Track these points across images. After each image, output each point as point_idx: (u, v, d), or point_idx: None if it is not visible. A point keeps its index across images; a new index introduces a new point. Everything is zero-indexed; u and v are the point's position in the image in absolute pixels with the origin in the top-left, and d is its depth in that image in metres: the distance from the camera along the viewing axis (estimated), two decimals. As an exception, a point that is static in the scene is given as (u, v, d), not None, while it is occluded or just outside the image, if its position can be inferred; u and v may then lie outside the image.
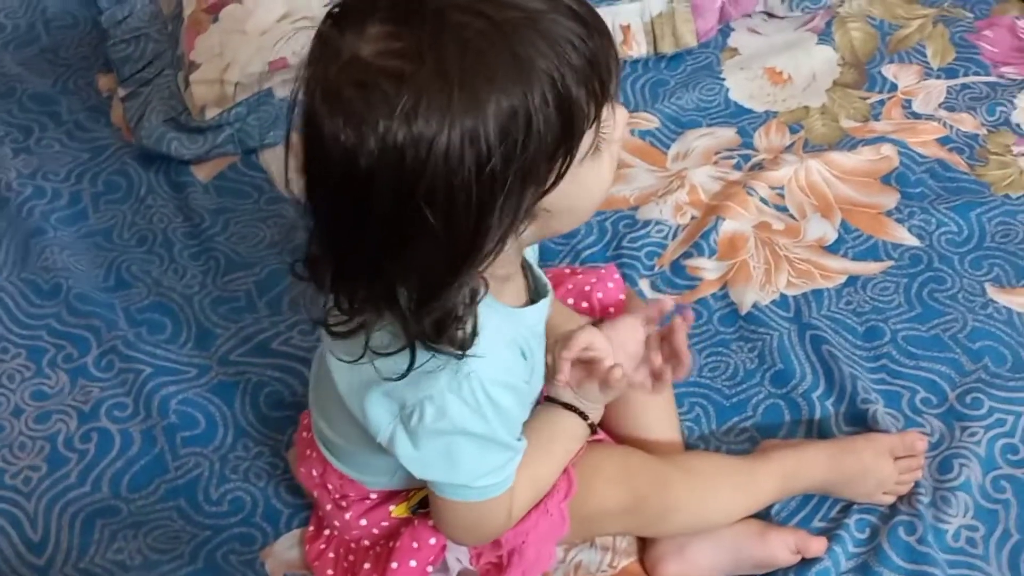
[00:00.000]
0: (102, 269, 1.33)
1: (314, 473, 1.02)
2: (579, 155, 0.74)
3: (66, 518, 1.11)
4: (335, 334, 0.80)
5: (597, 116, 0.74)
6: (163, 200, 1.41)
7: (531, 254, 0.96)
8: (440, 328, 0.76)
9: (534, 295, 0.92)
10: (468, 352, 0.78)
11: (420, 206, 0.69)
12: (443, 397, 0.80)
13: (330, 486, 1.01)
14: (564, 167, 0.73)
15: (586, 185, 0.78)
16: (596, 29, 0.73)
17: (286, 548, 1.09)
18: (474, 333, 0.78)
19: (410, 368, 0.78)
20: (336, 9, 0.73)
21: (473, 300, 0.77)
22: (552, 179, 0.74)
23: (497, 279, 0.82)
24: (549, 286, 0.93)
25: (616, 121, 0.78)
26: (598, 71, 0.73)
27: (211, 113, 1.44)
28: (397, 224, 0.70)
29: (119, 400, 1.20)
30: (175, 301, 1.29)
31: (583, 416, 0.96)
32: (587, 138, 0.75)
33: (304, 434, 1.04)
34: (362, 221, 0.71)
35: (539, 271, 0.95)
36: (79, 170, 1.45)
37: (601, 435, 1.05)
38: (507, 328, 0.85)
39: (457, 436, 0.83)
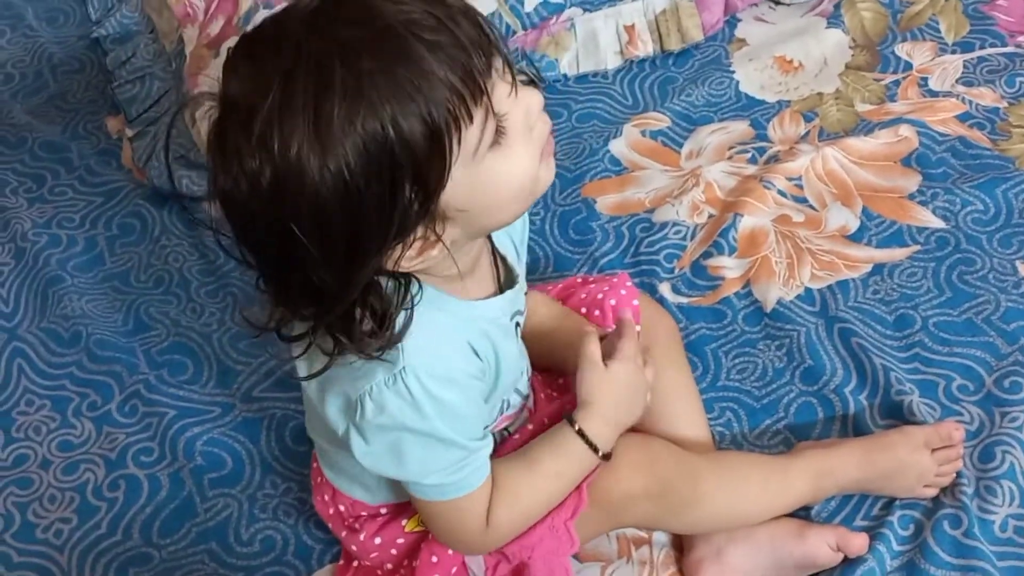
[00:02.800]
0: (121, 313, 1.33)
1: (326, 498, 1.02)
2: (469, 151, 0.74)
3: (99, 569, 1.11)
4: (285, 338, 0.83)
5: (469, 114, 0.73)
6: (177, 239, 1.41)
7: (509, 245, 0.95)
8: (349, 330, 0.78)
9: (506, 284, 0.92)
10: (401, 347, 0.80)
11: (292, 229, 0.71)
12: (380, 392, 0.81)
13: (342, 508, 1.01)
14: (444, 170, 0.73)
15: (496, 178, 0.78)
16: (455, 24, 0.72)
17: (319, 584, 1.08)
18: (400, 333, 0.79)
19: (324, 368, 0.82)
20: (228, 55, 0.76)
21: (401, 301, 0.79)
22: (435, 183, 0.73)
23: (447, 278, 0.84)
24: (520, 277, 0.94)
25: (521, 106, 0.77)
26: (459, 70, 0.72)
27: (219, 148, 1.43)
28: (281, 246, 0.73)
29: (145, 445, 1.20)
30: (195, 340, 1.29)
31: (592, 446, 0.93)
32: (471, 134, 0.74)
33: (314, 464, 1.04)
34: (258, 246, 0.76)
35: (513, 261, 0.94)
36: (93, 215, 1.45)
37: None
38: (451, 322, 0.85)
39: (400, 432, 0.83)
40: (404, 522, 0.99)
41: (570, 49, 1.51)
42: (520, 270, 0.96)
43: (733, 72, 1.50)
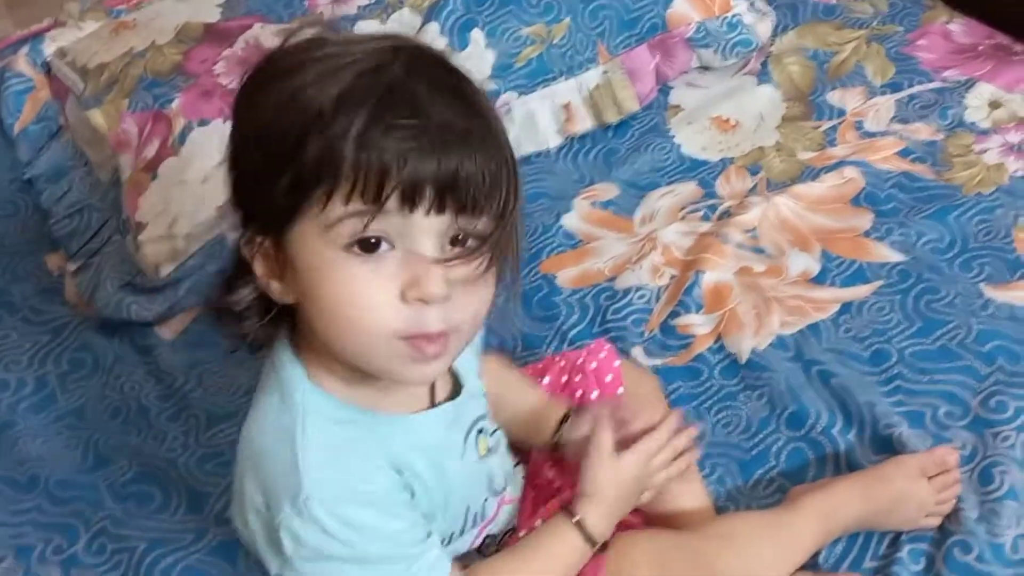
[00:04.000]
0: (78, 450, 1.27)
1: None
2: (324, 220, 0.72)
3: None
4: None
5: (352, 191, 0.71)
6: (131, 367, 1.36)
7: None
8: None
9: (453, 393, 0.87)
10: (300, 470, 0.76)
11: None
12: (291, 524, 0.77)
13: None
14: (279, 203, 0.73)
15: (332, 284, 0.73)
16: (467, 149, 0.74)
17: None
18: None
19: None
20: None
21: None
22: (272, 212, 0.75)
23: (352, 384, 0.80)
24: (467, 387, 0.88)
25: (420, 254, 0.73)
26: (343, 141, 0.71)
27: (166, 270, 1.40)
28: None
29: (117, 583, 1.13)
30: (159, 468, 1.23)
31: (585, 534, 0.90)
32: (333, 209, 0.72)
33: None
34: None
35: (463, 370, 0.89)
36: (41, 354, 1.40)
37: (631, 518, 0.99)
38: (360, 437, 0.80)
39: (326, 562, 0.78)
40: None
41: (510, 133, 1.50)
42: (470, 378, 0.90)
43: (673, 136, 1.51)
